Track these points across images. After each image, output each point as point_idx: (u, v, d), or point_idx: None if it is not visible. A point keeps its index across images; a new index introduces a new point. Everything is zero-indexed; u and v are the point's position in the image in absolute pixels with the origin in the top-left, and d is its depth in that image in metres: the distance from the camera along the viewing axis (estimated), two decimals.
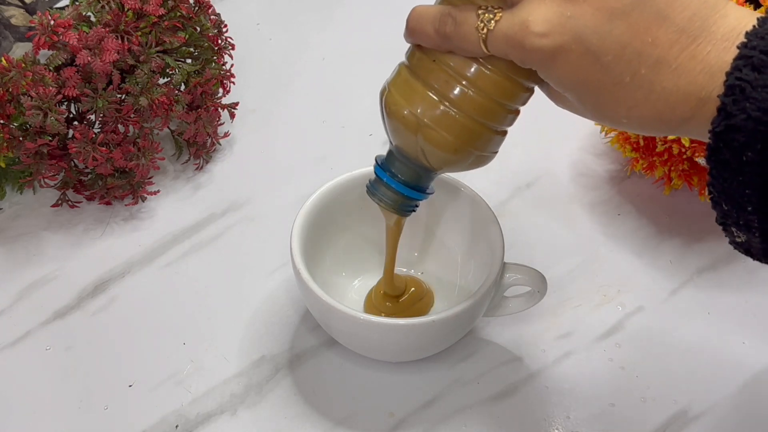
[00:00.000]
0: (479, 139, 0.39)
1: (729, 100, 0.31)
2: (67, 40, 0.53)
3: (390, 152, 0.43)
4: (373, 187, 0.44)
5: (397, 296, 0.52)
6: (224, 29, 0.62)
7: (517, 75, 0.38)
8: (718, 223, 0.34)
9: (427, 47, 0.39)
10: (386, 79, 0.41)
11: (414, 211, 0.45)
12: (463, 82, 0.38)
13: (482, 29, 0.35)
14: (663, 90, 0.33)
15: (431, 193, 0.44)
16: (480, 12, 0.36)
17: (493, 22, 0.35)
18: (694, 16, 0.33)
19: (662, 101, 0.33)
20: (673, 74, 0.33)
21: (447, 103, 0.38)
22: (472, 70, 0.38)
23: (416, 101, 0.39)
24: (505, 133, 0.41)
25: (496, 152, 0.41)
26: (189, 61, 0.60)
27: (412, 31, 0.39)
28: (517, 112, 0.40)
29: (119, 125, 0.55)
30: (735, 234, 0.34)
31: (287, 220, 0.49)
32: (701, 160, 0.54)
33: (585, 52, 0.34)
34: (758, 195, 0.31)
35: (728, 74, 0.32)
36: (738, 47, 0.32)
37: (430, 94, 0.39)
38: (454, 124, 0.39)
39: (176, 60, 0.58)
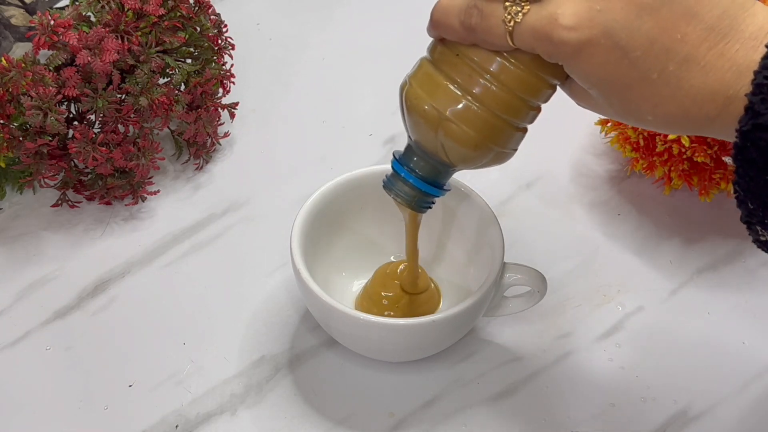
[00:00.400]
0: (501, 135, 0.39)
1: (757, 99, 0.31)
2: (67, 40, 0.53)
3: (408, 147, 0.42)
4: (389, 182, 0.44)
5: (397, 301, 0.52)
6: (224, 29, 0.62)
7: (541, 71, 0.38)
8: (743, 222, 0.34)
9: (450, 41, 0.38)
10: (407, 73, 0.41)
11: (430, 207, 0.44)
12: (487, 77, 0.38)
13: (509, 22, 0.35)
14: (690, 87, 0.33)
15: (448, 190, 0.44)
16: (507, 4, 0.35)
17: (520, 14, 0.35)
18: (724, 14, 0.33)
19: (689, 99, 0.33)
20: (701, 72, 0.33)
21: (469, 98, 0.38)
22: (496, 64, 0.37)
23: (438, 95, 0.39)
24: (525, 130, 0.41)
25: (516, 150, 0.41)
26: (189, 61, 0.60)
27: (436, 23, 0.38)
28: (539, 110, 0.40)
29: (119, 125, 0.55)
30: (760, 233, 0.34)
31: (287, 220, 0.49)
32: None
33: (613, 47, 0.34)
34: None
35: (756, 73, 0.32)
36: (766, 46, 0.32)
37: (453, 89, 0.38)
38: (476, 119, 0.38)
39: (176, 60, 0.58)
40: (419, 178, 0.42)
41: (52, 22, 0.53)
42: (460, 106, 0.38)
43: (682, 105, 0.34)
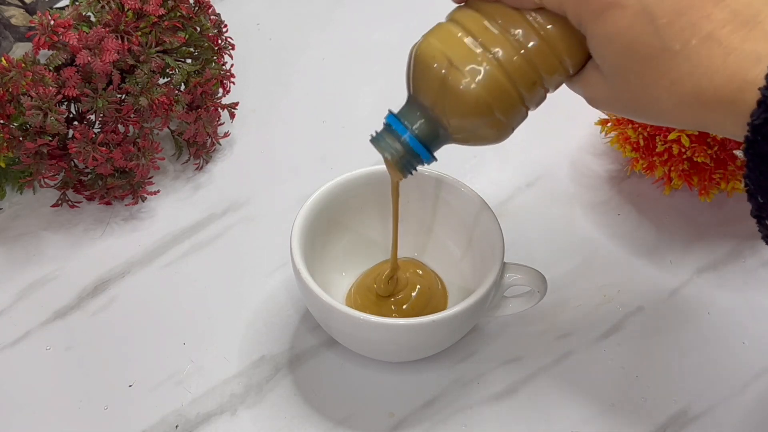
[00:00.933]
0: (503, 98, 0.38)
1: None
2: (67, 40, 0.53)
3: (404, 105, 0.41)
4: (378, 136, 0.42)
5: (402, 303, 0.51)
6: (224, 29, 0.62)
7: (560, 43, 0.37)
8: (753, 216, 0.34)
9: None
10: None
11: (411, 173, 0.43)
12: (505, 35, 0.38)
13: None
14: (710, 65, 0.33)
15: (434, 159, 0.43)
16: None
17: None
18: (749, 5, 0.34)
19: (707, 78, 0.34)
20: (722, 51, 0.33)
21: (482, 51, 0.38)
22: (518, 24, 0.37)
23: (451, 44, 0.38)
24: (526, 111, 0.40)
25: (513, 130, 0.40)
26: (189, 61, 0.60)
27: None
28: (544, 96, 0.40)
29: (119, 125, 0.55)
30: None
31: (287, 220, 0.49)
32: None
33: (641, 11, 0.34)
34: None
35: None
36: None
37: (467, 41, 0.38)
38: (484, 74, 0.38)
39: (176, 60, 0.58)
40: (411, 134, 0.41)
41: (52, 22, 0.53)
42: (471, 56, 0.38)
43: (699, 84, 0.34)
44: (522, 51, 0.37)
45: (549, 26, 0.37)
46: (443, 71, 0.38)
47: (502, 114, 0.39)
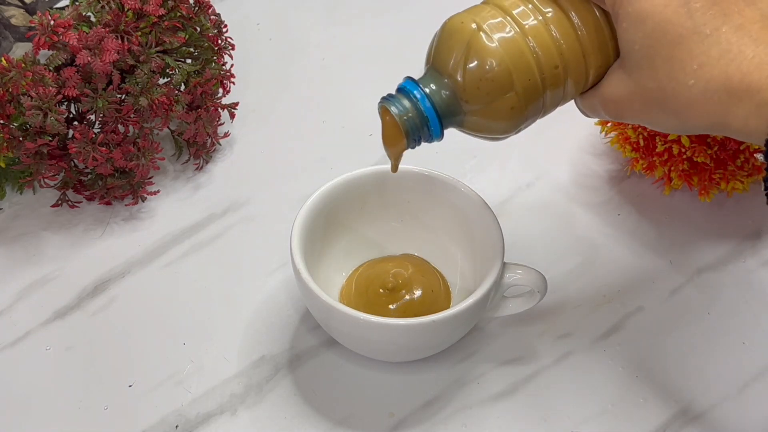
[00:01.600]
0: (525, 72, 0.39)
1: None
2: (67, 40, 0.53)
3: (423, 75, 0.41)
4: (389, 96, 0.42)
5: (404, 310, 0.51)
6: (224, 29, 0.62)
7: (589, 37, 0.38)
8: None
9: None
10: None
11: (414, 143, 0.42)
12: (538, 17, 0.38)
13: None
14: (739, 52, 0.34)
15: (441, 138, 0.42)
16: None
17: None
18: None
19: (735, 63, 0.34)
20: (752, 42, 0.34)
21: (513, 25, 0.38)
22: (553, 10, 0.38)
23: (483, 16, 0.39)
24: (543, 105, 0.40)
25: (525, 121, 0.40)
26: (189, 61, 0.60)
27: None
28: (560, 97, 0.40)
29: (119, 125, 0.55)
30: None
31: (287, 220, 0.49)
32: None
33: None
34: None
35: None
36: None
37: (499, 16, 0.39)
38: (510, 41, 0.38)
39: (176, 60, 0.58)
40: (425, 98, 0.40)
41: (52, 22, 0.53)
42: (500, 25, 0.39)
43: (727, 70, 0.34)
44: (551, 34, 0.38)
45: (581, 16, 0.38)
46: (470, 34, 0.39)
47: (522, 90, 0.39)
